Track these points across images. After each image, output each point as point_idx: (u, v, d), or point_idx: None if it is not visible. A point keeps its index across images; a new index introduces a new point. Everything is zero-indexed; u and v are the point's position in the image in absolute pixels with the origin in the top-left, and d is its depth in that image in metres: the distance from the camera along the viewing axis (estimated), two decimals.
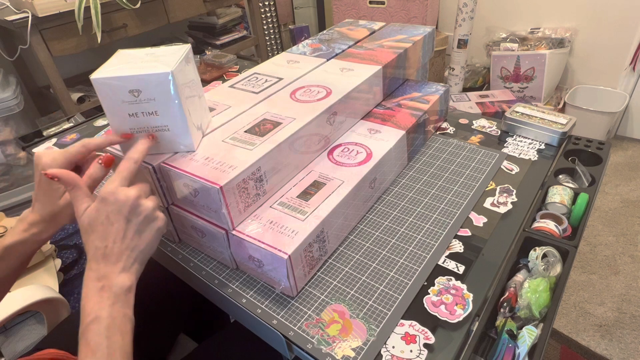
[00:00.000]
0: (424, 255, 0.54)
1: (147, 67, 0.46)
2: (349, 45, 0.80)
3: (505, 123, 0.77)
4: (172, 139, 0.50)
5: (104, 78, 0.45)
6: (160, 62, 0.47)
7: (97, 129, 0.88)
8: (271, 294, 0.50)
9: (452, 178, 0.66)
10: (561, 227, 0.56)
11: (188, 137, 0.50)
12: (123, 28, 1.53)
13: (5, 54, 1.51)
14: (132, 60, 0.48)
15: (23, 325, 0.95)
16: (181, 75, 0.48)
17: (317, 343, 0.44)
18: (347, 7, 2.16)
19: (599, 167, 0.67)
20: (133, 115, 0.47)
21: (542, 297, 0.47)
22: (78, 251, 1.41)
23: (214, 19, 2.06)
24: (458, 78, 2.08)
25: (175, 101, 0.47)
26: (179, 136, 0.50)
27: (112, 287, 0.40)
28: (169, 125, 0.49)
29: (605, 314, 1.22)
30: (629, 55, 1.86)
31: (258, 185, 0.51)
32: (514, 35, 2.09)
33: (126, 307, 0.41)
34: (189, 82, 0.51)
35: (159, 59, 0.48)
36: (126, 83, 0.45)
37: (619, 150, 1.90)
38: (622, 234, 1.48)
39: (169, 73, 0.45)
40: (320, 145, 0.61)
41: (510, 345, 0.44)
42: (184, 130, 0.50)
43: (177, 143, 0.51)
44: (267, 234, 0.49)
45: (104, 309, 0.39)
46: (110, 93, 0.46)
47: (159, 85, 0.46)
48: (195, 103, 0.53)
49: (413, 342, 0.44)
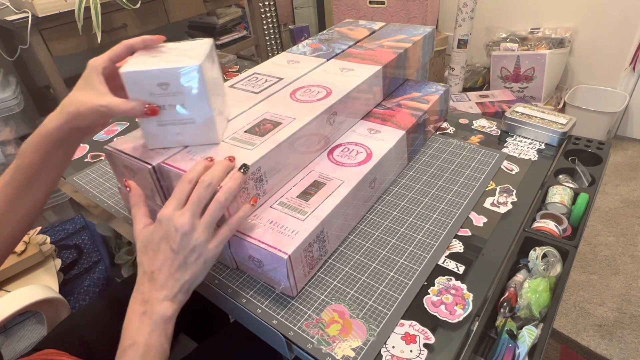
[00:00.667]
0: (424, 255, 0.54)
1: (175, 61, 0.47)
2: (349, 45, 0.80)
3: (505, 123, 0.77)
4: (197, 132, 0.51)
5: (133, 72, 0.46)
6: (187, 56, 0.48)
7: None
8: (271, 294, 0.50)
9: (452, 178, 0.66)
10: (561, 227, 0.56)
11: (213, 129, 0.51)
12: (123, 28, 1.53)
13: (5, 54, 1.51)
14: (158, 54, 0.49)
15: (23, 325, 0.95)
16: (207, 68, 0.48)
17: (317, 343, 0.44)
18: (347, 7, 2.16)
19: (599, 167, 0.67)
20: (160, 107, 0.48)
21: (542, 297, 0.47)
22: (78, 251, 1.41)
23: (214, 19, 2.05)
24: (458, 78, 2.08)
25: (203, 94, 0.48)
26: (205, 129, 0.51)
27: (153, 314, 0.41)
28: (195, 117, 0.49)
29: (605, 314, 1.22)
30: (629, 55, 1.86)
31: (258, 185, 0.51)
32: (514, 35, 2.09)
33: (163, 336, 0.41)
34: (214, 75, 0.52)
35: (185, 52, 0.49)
36: (155, 76, 0.46)
37: (619, 150, 1.90)
38: (622, 234, 1.48)
39: (198, 66, 0.46)
40: (320, 145, 0.61)
41: (510, 345, 0.44)
42: (209, 123, 0.50)
43: (202, 135, 0.52)
44: (267, 234, 0.49)
45: (142, 335, 0.40)
46: (138, 86, 0.47)
47: (187, 78, 0.46)
48: (219, 95, 0.54)
49: (413, 342, 0.44)
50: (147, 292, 0.42)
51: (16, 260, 0.93)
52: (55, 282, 0.95)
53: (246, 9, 2.21)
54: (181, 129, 0.50)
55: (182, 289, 0.43)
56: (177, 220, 0.42)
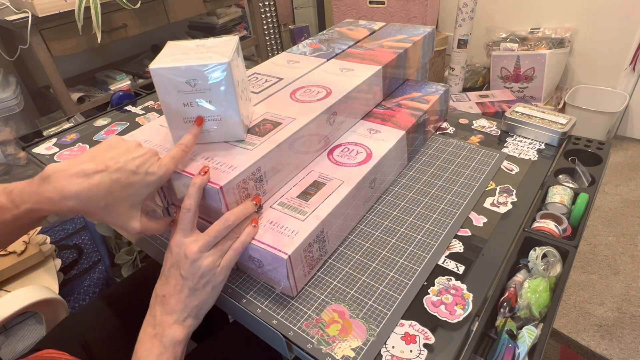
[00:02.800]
0: (424, 255, 0.54)
1: (204, 58, 0.47)
2: (349, 45, 0.80)
3: (505, 123, 0.77)
4: (223, 129, 0.51)
5: (162, 68, 0.46)
6: (215, 53, 0.48)
7: (97, 129, 0.88)
8: (271, 294, 0.50)
9: (452, 178, 0.66)
10: (561, 227, 0.56)
11: (239, 126, 0.51)
12: (123, 28, 1.53)
13: (5, 54, 1.51)
14: (186, 51, 0.49)
15: (23, 325, 0.95)
16: (234, 65, 0.49)
17: (317, 343, 0.44)
18: (347, 7, 2.16)
19: (599, 167, 0.67)
20: (188, 104, 0.49)
21: (542, 297, 0.47)
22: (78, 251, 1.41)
23: (214, 19, 2.05)
24: (458, 78, 2.08)
25: (230, 91, 0.48)
26: (231, 126, 0.51)
27: (163, 337, 0.42)
28: (221, 114, 0.50)
29: (605, 314, 1.22)
30: (629, 55, 1.86)
31: (258, 185, 0.51)
32: (514, 35, 2.09)
33: (172, 359, 0.42)
34: (240, 71, 0.52)
35: (212, 49, 0.49)
36: (184, 73, 0.46)
37: (619, 150, 1.90)
38: (622, 234, 1.48)
39: (227, 63, 0.46)
40: (320, 145, 0.61)
41: (510, 345, 0.44)
42: (235, 120, 0.51)
43: (227, 132, 0.52)
44: (267, 234, 0.49)
45: (151, 357, 0.41)
46: (167, 83, 0.47)
47: (215, 75, 0.47)
48: (245, 93, 0.54)
49: (413, 342, 0.44)
50: (158, 315, 0.43)
51: (16, 260, 0.92)
52: (55, 282, 0.95)
53: (246, 9, 2.21)
54: (207, 125, 0.51)
55: (191, 314, 0.44)
56: (188, 247, 0.43)
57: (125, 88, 1.08)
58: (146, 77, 1.73)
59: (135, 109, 0.95)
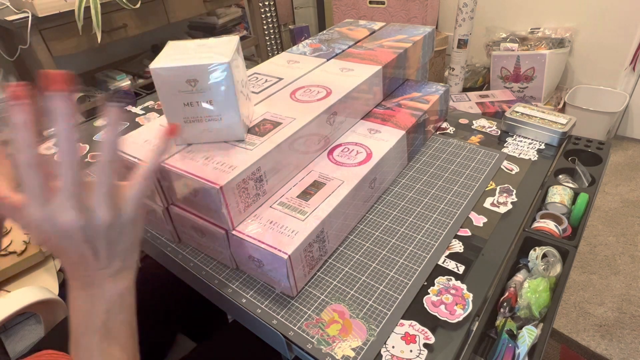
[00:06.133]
0: (424, 255, 0.54)
1: (205, 58, 0.47)
2: (349, 45, 0.80)
3: (505, 123, 0.77)
4: (223, 129, 0.51)
5: (163, 68, 0.46)
6: (215, 53, 0.48)
7: (97, 129, 0.88)
8: (271, 294, 0.50)
9: (452, 178, 0.66)
10: (561, 227, 0.56)
11: (239, 126, 0.51)
12: (123, 28, 1.53)
13: (5, 54, 1.51)
14: (186, 51, 0.49)
15: (23, 326, 0.95)
16: (235, 65, 0.49)
17: (317, 343, 0.44)
18: (347, 7, 2.16)
19: (599, 167, 0.67)
20: (188, 104, 0.49)
21: (542, 297, 0.47)
22: None
23: (214, 19, 2.05)
24: (458, 78, 2.08)
25: (230, 91, 0.48)
26: (231, 126, 0.51)
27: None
28: (221, 114, 0.50)
29: (605, 314, 1.22)
30: (629, 55, 1.86)
31: (258, 185, 0.51)
32: (514, 35, 2.09)
33: None
34: (240, 71, 0.52)
35: (212, 49, 0.49)
36: (184, 73, 0.46)
37: (619, 150, 1.90)
38: (622, 234, 1.48)
39: (227, 63, 0.46)
40: (320, 145, 0.61)
41: (510, 345, 0.44)
42: (235, 120, 0.51)
43: (227, 132, 0.52)
44: (267, 234, 0.49)
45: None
46: (167, 83, 0.47)
47: (216, 75, 0.47)
48: (245, 93, 0.54)
49: (413, 342, 0.44)
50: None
51: (16, 260, 0.93)
52: (55, 282, 0.95)
53: (246, 9, 2.21)
54: (207, 125, 0.51)
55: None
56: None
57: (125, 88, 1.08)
58: (146, 77, 1.73)
59: (135, 109, 0.95)
